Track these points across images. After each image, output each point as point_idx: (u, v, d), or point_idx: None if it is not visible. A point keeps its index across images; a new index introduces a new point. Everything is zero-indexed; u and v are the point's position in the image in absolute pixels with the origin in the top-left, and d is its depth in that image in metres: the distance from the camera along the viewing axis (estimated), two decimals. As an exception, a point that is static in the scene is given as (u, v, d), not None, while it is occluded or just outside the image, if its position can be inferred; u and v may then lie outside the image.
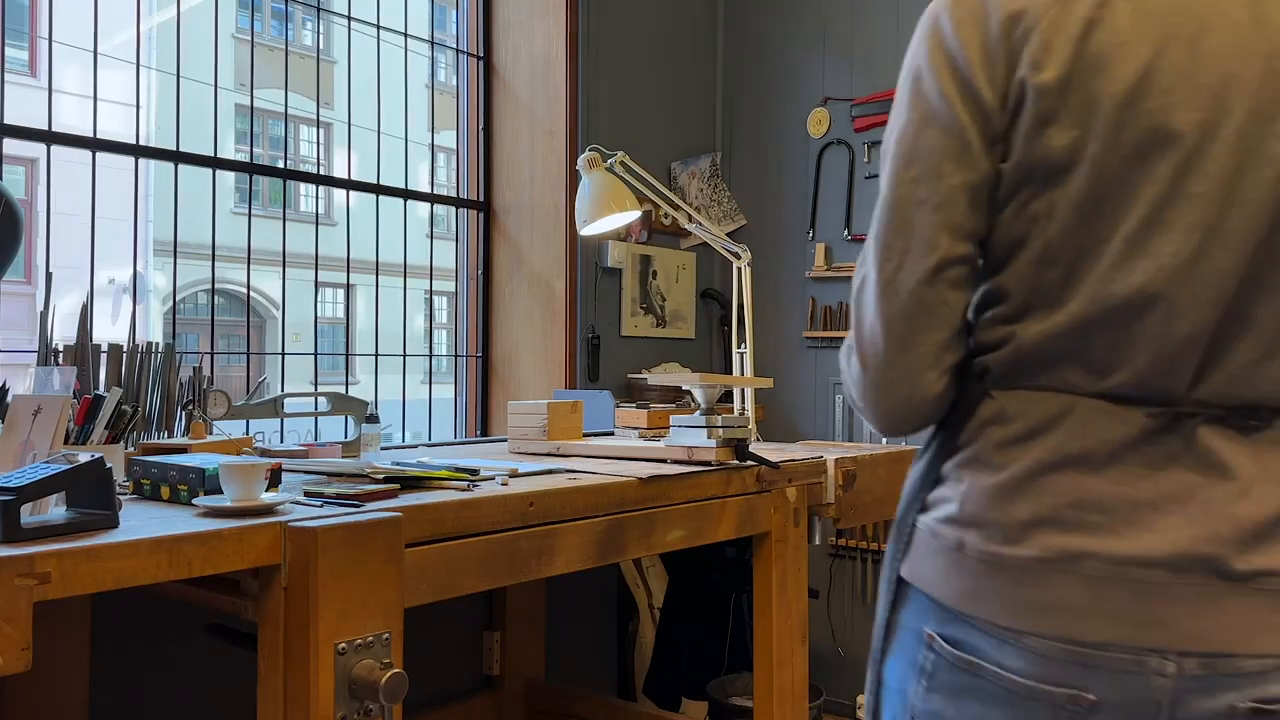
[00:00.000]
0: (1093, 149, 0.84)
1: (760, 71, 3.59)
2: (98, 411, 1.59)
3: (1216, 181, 0.82)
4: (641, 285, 3.35)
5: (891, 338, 0.92)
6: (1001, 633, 0.86)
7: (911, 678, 0.94)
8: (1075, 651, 0.84)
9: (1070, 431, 0.87)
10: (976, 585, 0.88)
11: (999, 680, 0.87)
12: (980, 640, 0.88)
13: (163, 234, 11.67)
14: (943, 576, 0.91)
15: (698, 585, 2.95)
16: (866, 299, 0.94)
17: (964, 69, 0.88)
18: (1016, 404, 0.90)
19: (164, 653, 2.07)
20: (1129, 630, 0.83)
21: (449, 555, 1.41)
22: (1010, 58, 0.86)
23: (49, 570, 1.03)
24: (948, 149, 0.88)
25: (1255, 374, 0.85)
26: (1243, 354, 0.84)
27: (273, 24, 13.37)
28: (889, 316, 0.92)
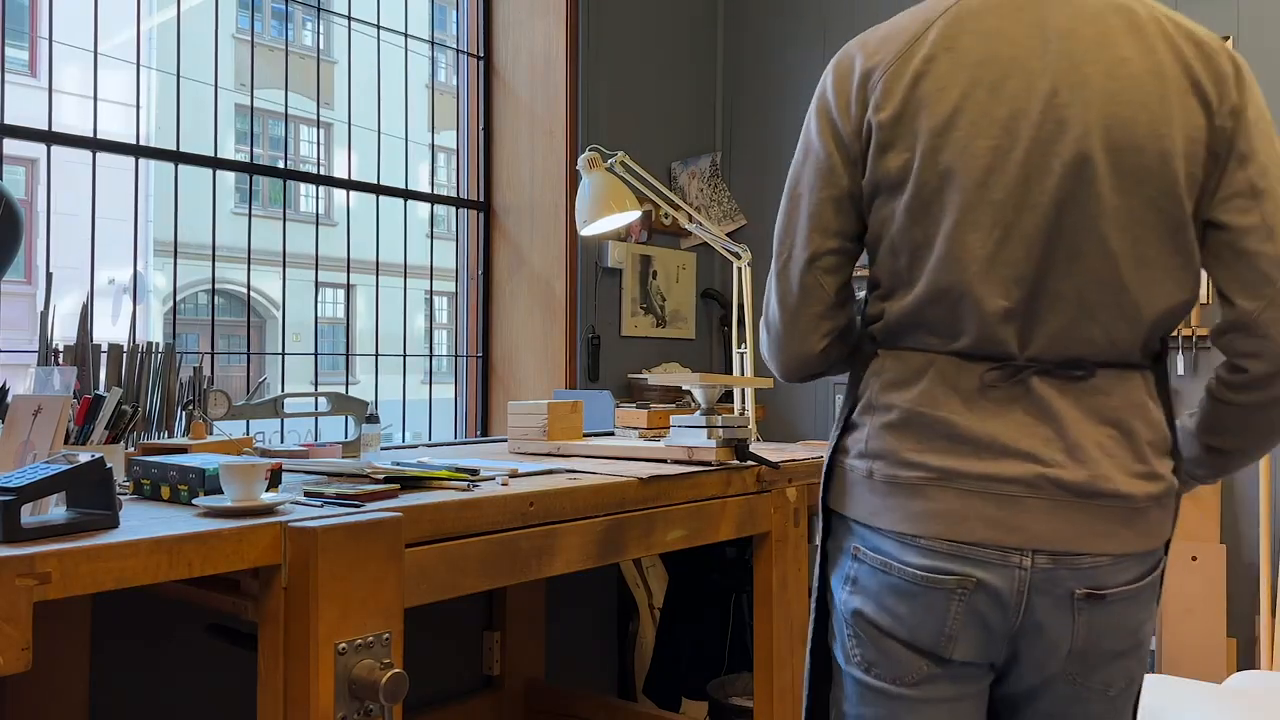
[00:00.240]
0: (916, 168, 1.11)
1: (760, 71, 3.59)
2: (98, 412, 1.59)
3: (1009, 191, 1.08)
4: (642, 285, 3.35)
5: (785, 311, 1.24)
6: (902, 537, 1.13)
7: (841, 587, 1.20)
8: (957, 547, 1.11)
9: (933, 380, 1.15)
10: (883, 503, 1.15)
11: (904, 574, 1.13)
12: (889, 545, 1.15)
13: (163, 234, 11.67)
14: (858, 500, 1.18)
15: (698, 585, 2.95)
16: (771, 285, 1.25)
17: (833, 114, 1.18)
18: (892, 360, 1.19)
19: (164, 653, 2.07)
20: (994, 533, 1.10)
21: (449, 555, 1.41)
22: (862, 103, 1.15)
23: (49, 570, 1.03)
24: (818, 172, 1.19)
25: (1070, 336, 1.10)
26: (1055, 321, 1.10)
27: (273, 24, 13.37)
28: (781, 295, 1.24)
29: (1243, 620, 2.68)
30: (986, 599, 1.11)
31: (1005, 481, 1.10)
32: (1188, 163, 1.08)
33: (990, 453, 1.11)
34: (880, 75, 1.13)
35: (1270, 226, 1.08)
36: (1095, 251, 1.08)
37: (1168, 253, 1.10)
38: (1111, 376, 1.13)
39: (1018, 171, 1.08)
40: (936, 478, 1.12)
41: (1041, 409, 1.11)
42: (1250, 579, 2.67)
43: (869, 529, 1.17)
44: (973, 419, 1.12)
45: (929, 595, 1.12)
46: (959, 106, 1.09)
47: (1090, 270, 1.09)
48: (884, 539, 1.15)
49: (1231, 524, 2.71)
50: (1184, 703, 1.97)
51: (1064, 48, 1.09)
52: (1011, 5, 1.12)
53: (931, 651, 1.15)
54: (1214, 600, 2.67)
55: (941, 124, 1.10)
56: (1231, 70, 1.11)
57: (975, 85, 1.09)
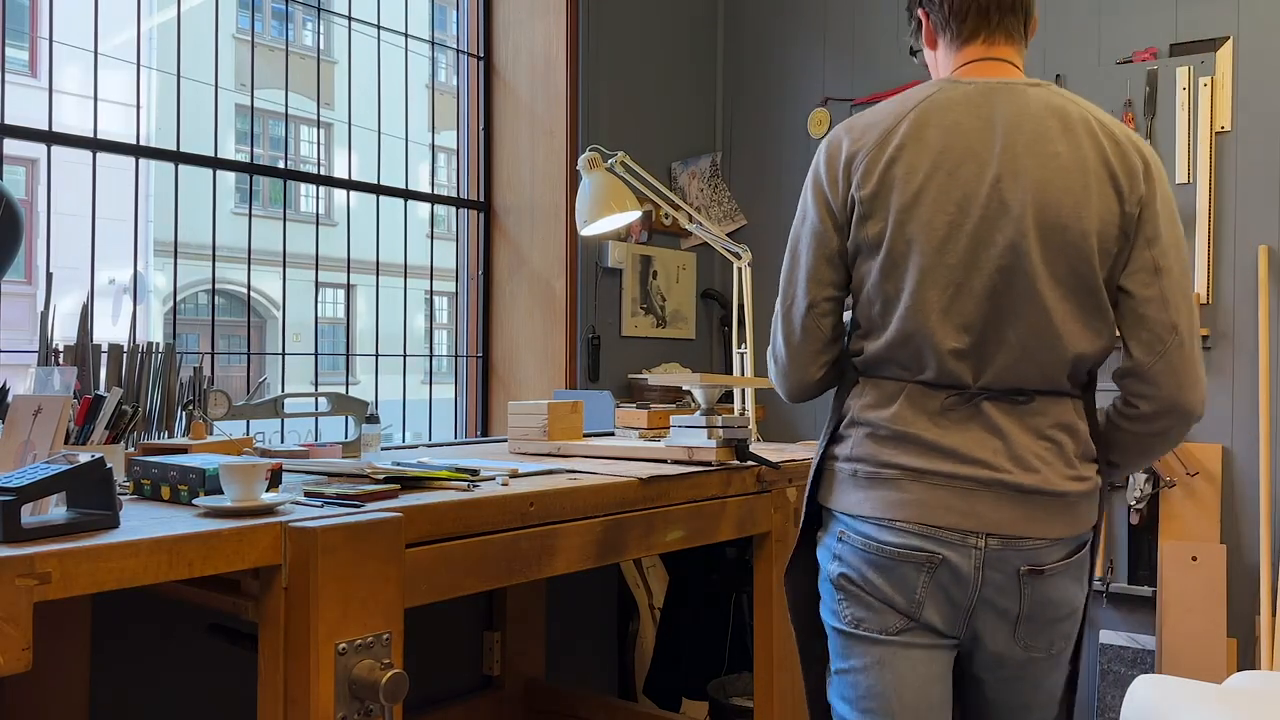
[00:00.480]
0: (889, 236, 1.37)
1: (760, 71, 3.59)
2: (98, 412, 1.59)
3: (960, 258, 1.35)
4: (642, 285, 3.35)
5: (789, 347, 1.50)
6: (880, 521, 1.39)
7: (829, 561, 1.46)
8: (926, 529, 1.36)
9: (904, 404, 1.40)
10: (865, 495, 1.41)
11: (882, 551, 1.39)
12: (870, 528, 1.40)
13: (163, 234, 11.66)
14: (844, 495, 1.44)
15: (698, 585, 2.95)
16: (776, 324, 1.52)
17: (824, 188, 1.44)
18: (871, 386, 1.45)
19: (164, 653, 2.07)
20: (956, 519, 1.36)
21: (449, 555, 1.41)
22: (847, 181, 1.41)
23: (49, 570, 1.03)
24: (814, 235, 1.45)
25: (1013, 372, 1.37)
26: (1001, 360, 1.37)
27: (273, 24, 13.36)
28: (786, 335, 1.50)
29: (1243, 620, 2.68)
30: (949, 573, 1.37)
31: (964, 480, 1.36)
32: (1101, 240, 1.35)
33: (952, 460, 1.37)
34: (862, 159, 1.40)
35: (1166, 298, 1.36)
36: (1033, 308, 1.35)
37: (1088, 309, 1.37)
38: (1046, 401, 1.39)
39: (968, 242, 1.35)
40: (910, 474, 1.38)
41: (991, 427, 1.38)
42: (1250, 579, 2.67)
43: (852, 517, 1.43)
44: (937, 433, 1.38)
45: (902, 568, 1.38)
46: (923, 187, 1.36)
47: (1030, 323, 1.35)
48: (866, 524, 1.41)
49: (1232, 524, 2.71)
50: (1184, 703, 1.97)
51: (1008, 141, 1.36)
52: (969, 102, 1.39)
53: (906, 613, 1.40)
54: (1214, 600, 2.67)
55: (909, 201, 1.36)
56: (1141, 165, 1.37)
57: (936, 169, 1.36)
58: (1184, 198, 2.77)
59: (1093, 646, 2.90)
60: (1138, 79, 2.84)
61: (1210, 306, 2.74)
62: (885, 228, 1.37)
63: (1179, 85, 2.78)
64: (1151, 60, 2.83)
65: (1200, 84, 2.75)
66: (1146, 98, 2.82)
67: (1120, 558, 2.84)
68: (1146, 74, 2.82)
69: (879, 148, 1.39)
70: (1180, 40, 2.80)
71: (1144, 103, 2.83)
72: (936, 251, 1.35)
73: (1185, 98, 2.77)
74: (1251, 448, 2.69)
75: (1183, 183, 2.78)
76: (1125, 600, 2.84)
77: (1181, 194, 2.78)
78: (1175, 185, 2.79)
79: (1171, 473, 2.75)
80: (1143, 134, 2.83)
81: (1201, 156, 2.75)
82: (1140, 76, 2.83)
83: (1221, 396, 2.73)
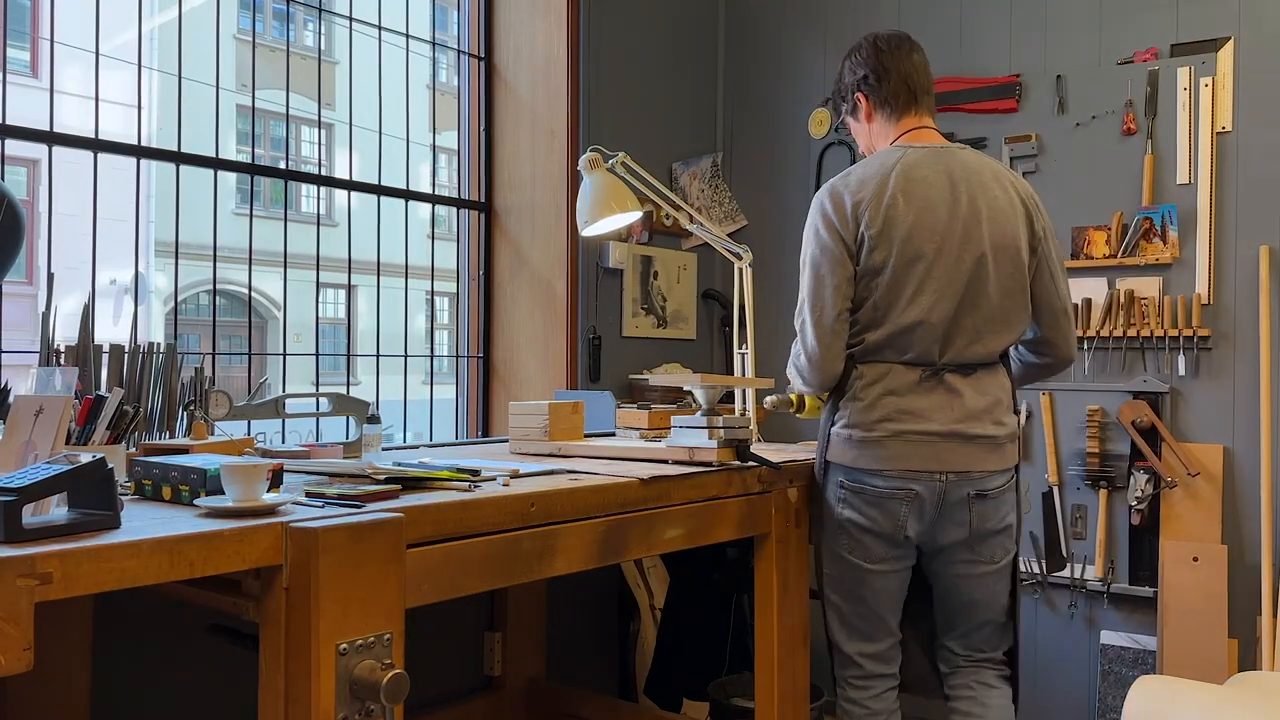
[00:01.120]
0: (892, 261, 1.91)
1: (761, 72, 3.59)
2: (99, 412, 1.59)
3: (943, 273, 1.90)
4: (643, 286, 3.35)
5: (823, 347, 1.95)
6: (873, 472, 1.94)
7: (833, 504, 2.01)
8: (906, 473, 1.92)
9: (890, 380, 1.94)
10: (860, 453, 1.95)
11: (874, 492, 1.95)
12: (864, 477, 1.95)
13: (164, 235, 11.67)
14: (844, 453, 1.97)
15: (699, 586, 2.95)
16: (809, 329, 1.96)
17: (837, 227, 1.94)
18: (866, 369, 1.97)
19: (165, 653, 2.08)
20: (925, 464, 1.92)
21: (450, 556, 1.41)
22: (856, 222, 1.93)
23: (51, 571, 1.03)
24: (835, 261, 1.94)
25: (968, 351, 1.94)
26: (960, 342, 1.93)
27: (274, 25, 13.37)
28: (819, 337, 1.95)
29: (1244, 621, 2.68)
30: (920, 503, 1.94)
31: (931, 435, 1.92)
32: (1024, 255, 1.96)
33: (922, 419, 1.92)
34: (867, 206, 1.92)
35: (1058, 292, 2.01)
36: (986, 304, 1.93)
37: (1019, 304, 1.97)
38: (985, 370, 1.97)
39: (948, 263, 1.91)
40: (891, 435, 1.93)
41: (951, 392, 1.93)
42: (1252, 579, 2.67)
43: (851, 469, 1.97)
44: (912, 400, 1.93)
45: (888, 503, 1.95)
46: (913, 226, 1.91)
47: (983, 314, 1.93)
48: (861, 474, 1.96)
49: (1233, 525, 2.71)
50: (1185, 703, 1.97)
51: (964, 189, 1.93)
52: (929, 162, 1.96)
53: (891, 536, 1.97)
54: (1215, 600, 2.67)
55: (904, 236, 1.90)
56: (1035, 204, 2.00)
57: (921, 214, 1.91)
58: (1185, 198, 2.77)
59: (1094, 647, 2.89)
60: (1139, 79, 2.84)
61: (1211, 307, 2.74)
62: (889, 255, 1.91)
63: (1180, 85, 2.78)
64: (1152, 60, 2.83)
65: (1201, 84, 2.75)
66: (1147, 98, 2.82)
67: (1121, 558, 2.84)
68: (1147, 74, 2.82)
69: (876, 200, 1.92)
70: (1181, 40, 2.80)
71: (1145, 103, 2.82)
72: (926, 271, 1.90)
73: (1186, 98, 2.77)
74: (1253, 448, 2.69)
75: (1184, 183, 2.78)
76: (1126, 601, 2.84)
77: (1182, 194, 2.78)
78: (1176, 185, 2.79)
79: (1173, 473, 2.75)
80: (1144, 134, 2.83)
81: (1202, 157, 2.75)
82: (1141, 77, 2.83)
83: (1223, 397, 2.72)
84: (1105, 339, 2.86)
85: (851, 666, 2.07)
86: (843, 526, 1.99)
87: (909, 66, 2.04)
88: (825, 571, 2.06)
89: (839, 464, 1.98)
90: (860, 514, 1.96)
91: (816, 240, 1.95)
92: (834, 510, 2.00)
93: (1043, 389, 2.96)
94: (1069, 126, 2.95)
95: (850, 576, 2.02)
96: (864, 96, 2.06)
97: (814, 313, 1.94)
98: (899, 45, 2.05)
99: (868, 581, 2.01)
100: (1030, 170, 3.01)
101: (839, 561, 2.03)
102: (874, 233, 1.90)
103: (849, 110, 2.12)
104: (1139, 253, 2.82)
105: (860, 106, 2.08)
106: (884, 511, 1.94)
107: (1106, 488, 2.86)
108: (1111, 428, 2.87)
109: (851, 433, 1.94)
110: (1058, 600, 2.95)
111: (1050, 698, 2.95)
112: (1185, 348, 2.76)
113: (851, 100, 2.09)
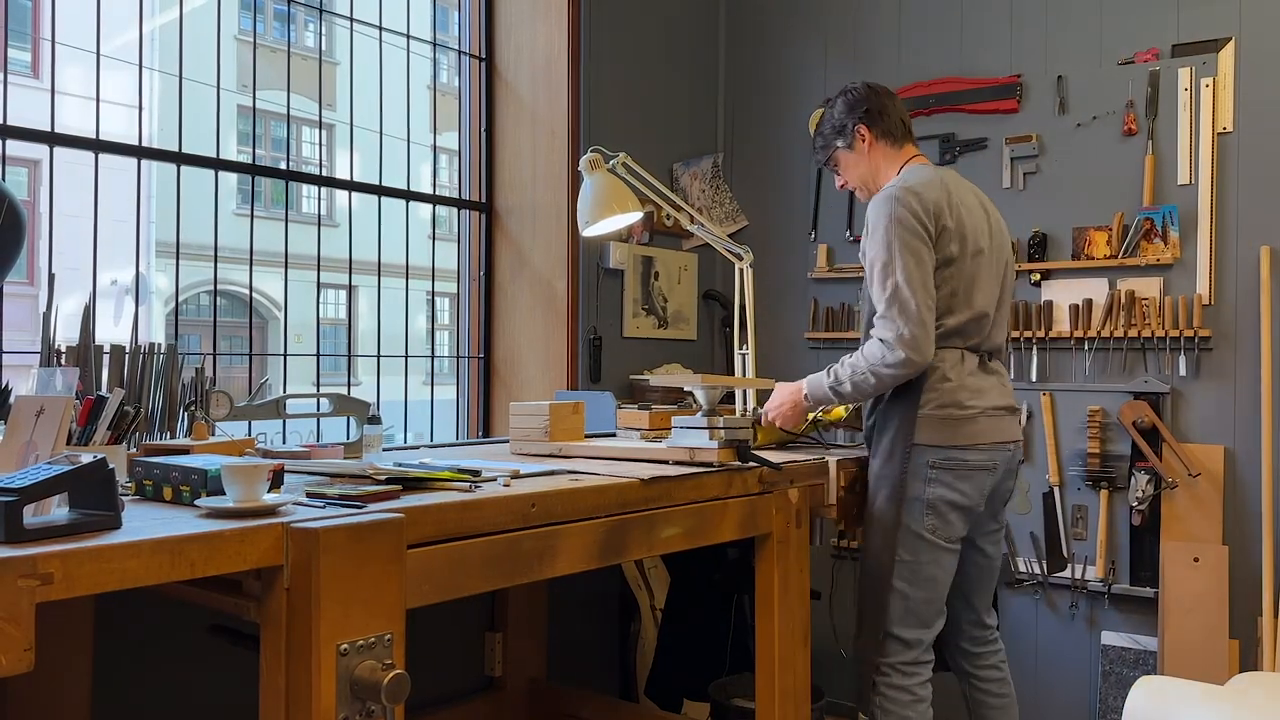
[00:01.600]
0: (959, 254, 2.12)
1: (762, 72, 3.59)
2: (100, 412, 1.59)
3: (992, 269, 2.18)
4: (643, 286, 3.35)
5: (924, 329, 2.05)
6: (967, 447, 2.12)
7: (920, 486, 2.12)
8: (993, 446, 2.15)
9: (966, 363, 2.16)
10: (955, 430, 2.12)
11: (967, 466, 2.12)
12: (958, 453, 2.12)
13: (165, 235, 11.67)
14: (936, 433, 2.12)
15: (700, 586, 2.95)
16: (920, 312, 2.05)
17: (919, 227, 2.08)
18: (945, 353, 2.14)
19: (166, 653, 2.08)
20: (1002, 436, 2.18)
21: (451, 556, 1.41)
22: (936, 219, 2.10)
23: (52, 571, 1.03)
24: (919, 259, 2.08)
25: (998, 338, 2.23)
26: (996, 332, 2.21)
27: (275, 25, 13.37)
28: (920, 320, 2.05)
29: (1245, 621, 2.68)
30: (995, 473, 2.18)
31: (1000, 410, 2.18)
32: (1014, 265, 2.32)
33: (990, 397, 2.16)
34: (935, 206, 2.10)
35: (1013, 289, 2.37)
36: (1005, 300, 2.24)
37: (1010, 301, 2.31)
38: (1000, 357, 2.26)
39: (992, 260, 2.19)
40: (980, 412, 2.14)
41: (996, 374, 2.22)
42: (1253, 580, 2.67)
43: (943, 447, 2.12)
44: (980, 380, 2.17)
45: (978, 475, 2.14)
46: (972, 225, 2.16)
47: (1005, 309, 2.25)
48: (954, 451, 2.12)
49: (1234, 525, 2.71)
50: (1186, 704, 1.97)
51: (980, 201, 2.24)
52: (953, 177, 2.21)
53: (974, 510, 2.16)
54: (1216, 601, 2.67)
55: (966, 234, 2.14)
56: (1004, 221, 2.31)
57: (972, 214, 2.18)
58: (1185, 199, 2.77)
59: (1095, 647, 2.89)
60: (1139, 80, 2.84)
61: (1212, 307, 2.74)
62: (958, 249, 2.11)
63: (1181, 86, 2.78)
64: (1153, 61, 2.83)
65: (1202, 85, 2.75)
66: (1148, 99, 2.82)
67: (1122, 559, 2.84)
68: (1148, 75, 2.82)
69: (943, 197, 2.12)
70: (1182, 41, 2.80)
71: (1146, 104, 2.82)
72: (985, 267, 2.17)
73: (1187, 98, 2.77)
74: (1253, 449, 2.68)
75: (1184, 184, 2.78)
76: (1127, 601, 2.84)
77: (1183, 195, 2.78)
78: (1177, 186, 2.79)
79: (1174, 474, 2.75)
80: (1145, 135, 2.83)
81: (1203, 157, 2.75)
82: (1142, 77, 2.83)
83: (1223, 397, 2.72)
84: (1106, 339, 2.86)
85: (904, 653, 2.14)
86: (932, 506, 2.11)
87: (901, 107, 2.29)
88: (899, 559, 2.13)
89: (928, 444, 2.10)
90: (951, 489, 2.11)
91: (905, 231, 2.06)
92: (922, 492, 2.11)
93: (1044, 389, 2.96)
94: (1070, 127, 2.95)
95: (928, 559, 2.13)
96: (866, 128, 2.25)
97: (914, 297, 2.03)
98: (889, 92, 2.30)
99: (942, 563, 2.14)
100: (1031, 171, 3.01)
101: (919, 545, 2.12)
102: (950, 226, 2.09)
103: (846, 144, 2.28)
104: (1140, 253, 2.82)
105: (863, 138, 2.26)
106: (974, 485, 2.13)
107: (1107, 488, 2.86)
108: (1112, 428, 2.87)
109: (947, 412, 2.11)
110: (1058, 601, 2.95)
111: (1051, 698, 2.95)
112: (1186, 348, 2.76)
113: (851, 134, 2.26)
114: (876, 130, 2.25)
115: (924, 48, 3.22)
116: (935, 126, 3.17)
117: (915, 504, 2.11)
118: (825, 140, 2.32)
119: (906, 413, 2.11)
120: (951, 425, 2.10)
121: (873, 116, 2.24)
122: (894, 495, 2.12)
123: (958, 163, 3.12)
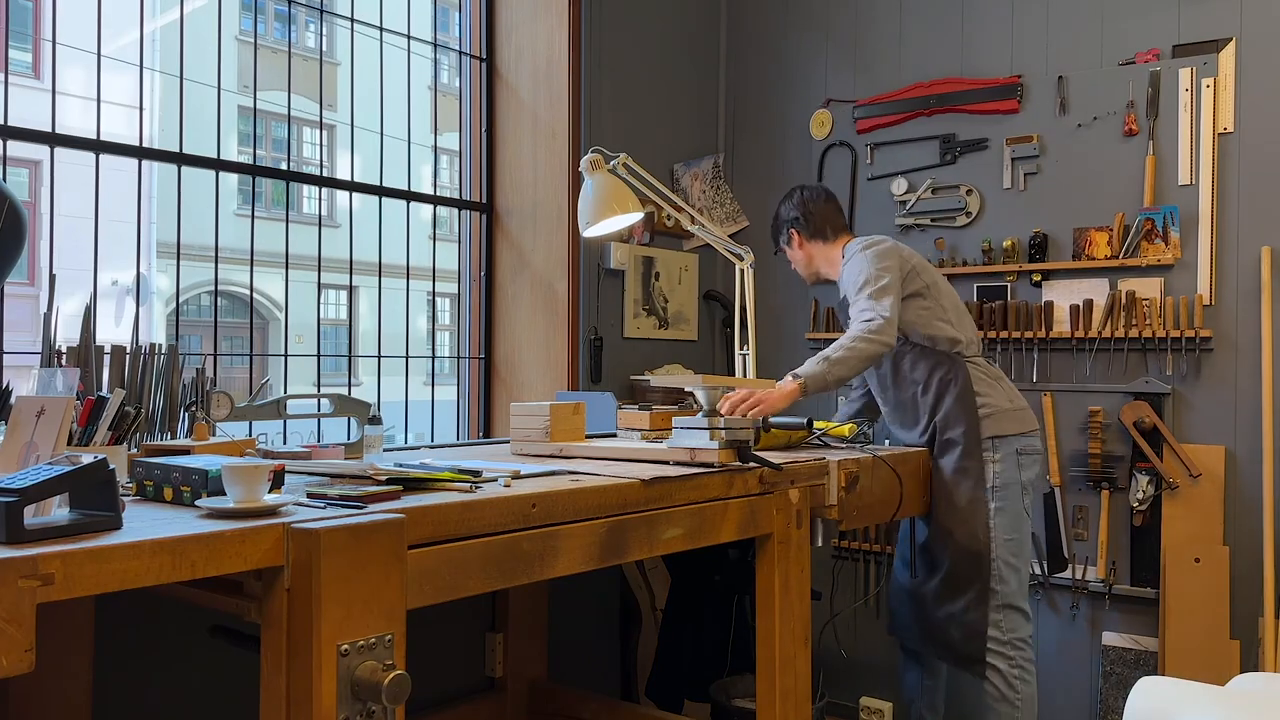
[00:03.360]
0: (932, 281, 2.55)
1: (763, 73, 3.59)
2: (101, 413, 1.59)
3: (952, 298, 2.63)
4: (644, 287, 3.35)
5: (891, 325, 2.35)
6: (1033, 433, 2.52)
7: (1014, 470, 2.47)
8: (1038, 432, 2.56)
9: (988, 370, 2.55)
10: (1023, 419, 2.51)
11: (1036, 449, 2.53)
12: (1030, 439, 2.51)
13: (166, 236, 11.67)
14: (1012, 423, 2.47)
15: (700, 587, 2.95)
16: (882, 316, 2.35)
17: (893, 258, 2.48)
18: (979, 359, 2.56)
19: (167, 654, 2.08)
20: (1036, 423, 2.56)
21: (452, 557, 1.41)
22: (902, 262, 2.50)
23: (52, 572, 1.03)
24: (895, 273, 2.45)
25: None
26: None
27: (276, 26, 13.38)
28: (889, 319, 2.35)
29: (1246, 622, 2.68)
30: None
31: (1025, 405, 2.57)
32: None
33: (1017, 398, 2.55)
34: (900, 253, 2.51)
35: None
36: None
37: None
38: None
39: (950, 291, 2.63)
40: (1022, 408, 2.52)
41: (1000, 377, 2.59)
42: (1254, 581, 2.67)
43: (1022, 435, 2.48)
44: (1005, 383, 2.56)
45: (1041, 456, 2.55)
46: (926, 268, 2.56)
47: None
48: (1028, 437, 2.49)
49: (1235, 526, 2.71)
50: (1187, 705, 1.97)
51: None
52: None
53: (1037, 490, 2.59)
54: (1217, 602, 2.67)
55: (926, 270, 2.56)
56: None
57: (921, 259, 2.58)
58: (1186, 199, 2.77)
59: (1095, 648, 2.89)
60: (1140, 80, 2.84)
61: (1213, 308, 2.74)
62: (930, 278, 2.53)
63: (1181, 86, 2.78)
64: (1154, 61, 2.83)
65: (1203, 85, 2.75)
66: (1149, 99, 2.82)
67: (1123, 559, 2.84)
68: (1149, 75, 2.82)
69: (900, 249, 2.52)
70: (1183, 41, 2.80)
71: (1146, 104, 2.82)
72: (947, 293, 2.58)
73: (1188, 99, 2.77)
74: (1254, 450, 2.68)
75: (1185, 185, 2.77)
76: (1128, 602, 2.84)
77: (1183, 196, 2.78)
78: (1178, 186, 2.79)
79: (1174, 474, 2.75)
80: (1145, 135, 2.83)
81: (1204, 158, 2.74)
82: (1143, 78, 2.83)
83: (1224, 398, 2.72)
84: (1107, 340, 2.86)
85: (1026, 626, 2.45)
86: (1027, 487, 2.48)
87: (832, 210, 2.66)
88: (1007, 539, 2.43)
89: (1010, 434, 2.46)
90: (1035, 470, 2.51)
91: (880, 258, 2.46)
92: (1018, 475, 2.46)
93: (1044, 390, 2.96)
94: (1070, 127, 2.95)
95: (1025, 534, 2.48)
96: (796, 232, 2.65)
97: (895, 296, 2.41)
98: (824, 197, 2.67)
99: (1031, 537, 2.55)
100: (1032, 171, 3.01)
101: (1021, 522, 2.46)
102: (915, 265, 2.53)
103: (785, 241, 2.69)
104: (1140, 254, 2.82)
105: (796, 239, 2.66)
106: (1043, 463, 2.60)
107: (1108, 489, 2.86)
108: (1113, 429, 2.86)
109: (1012, 404, 2.49)
110: (1059, 601, 2.95)
111: (1051, 698, 2.94)
112: (1187, 349, 2.76)
113: (787, 234, 2.67)
114: (805, 234, 2.64)
115: (925, 48, 3.22)
116: (935, 127, 3.17)
117: (1013, 487, 2.45)
118: (774, 233, 2.73)
119: (970, 416, 2.45)
120: (1019, 415, 2.49)
121: (801, 224, 2.64)
122: (979, 483, 2.43)
123: (958, 163, 3.13)
